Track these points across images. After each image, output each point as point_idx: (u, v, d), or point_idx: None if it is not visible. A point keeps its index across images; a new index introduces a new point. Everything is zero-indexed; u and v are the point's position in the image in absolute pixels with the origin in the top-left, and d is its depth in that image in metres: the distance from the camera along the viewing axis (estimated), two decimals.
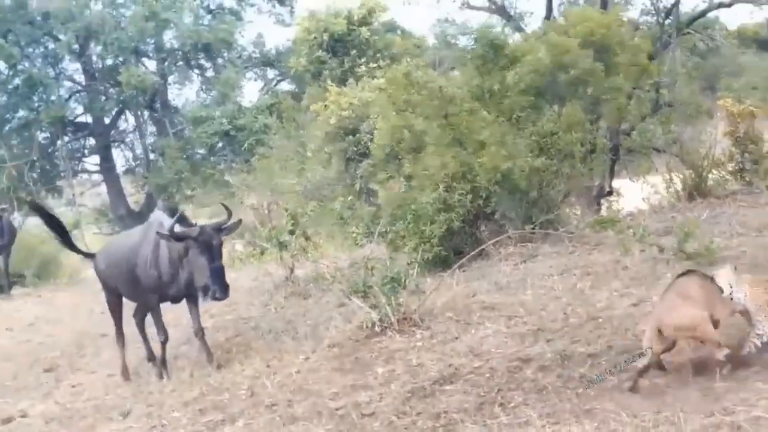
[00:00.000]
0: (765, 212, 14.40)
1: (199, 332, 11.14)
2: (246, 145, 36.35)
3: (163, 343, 11.09)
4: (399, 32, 40.49)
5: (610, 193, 20.57)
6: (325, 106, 25.71)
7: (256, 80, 45.74)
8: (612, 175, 20.89)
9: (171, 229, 10.43)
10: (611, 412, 6.96)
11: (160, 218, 11.06)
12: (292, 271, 14.95)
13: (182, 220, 10.93)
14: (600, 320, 9.60)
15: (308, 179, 24.73)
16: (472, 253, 13.19)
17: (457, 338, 9.94)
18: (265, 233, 15.59)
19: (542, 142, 15.15)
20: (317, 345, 10.62)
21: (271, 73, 45.16)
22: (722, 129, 18.73)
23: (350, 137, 24.56)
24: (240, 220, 11.39)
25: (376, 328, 10.49)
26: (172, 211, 10.79)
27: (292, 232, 14.86)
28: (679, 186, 18.04)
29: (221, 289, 10.33)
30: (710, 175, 17.95)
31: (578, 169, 15.91)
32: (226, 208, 11.41)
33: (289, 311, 13.20)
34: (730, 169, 18.48)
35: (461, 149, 15.05)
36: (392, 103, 16.36)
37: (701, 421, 6.44)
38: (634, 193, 19.76)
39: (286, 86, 43.70)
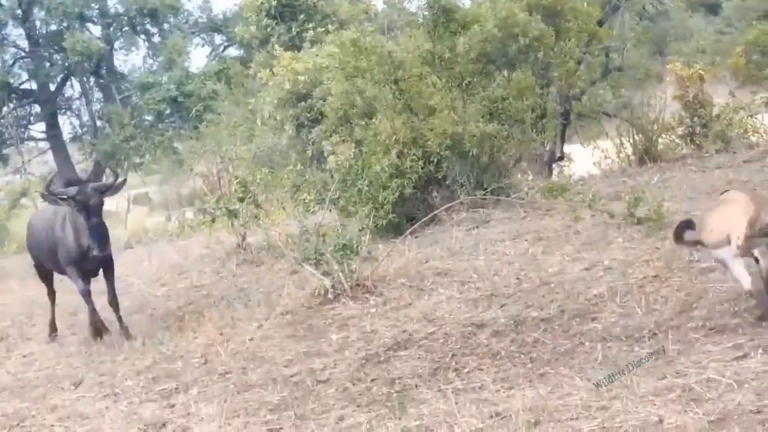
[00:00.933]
0: (714, 176, 14.53)
1: (114, 303, 11.21)
2: (194, 111, 35.98)
3: (92, 314, 11.17)
4: None
5: (561, 158, 20.62)
6: (273, 72, 25.50)
7: (203, 46, 45.23)
8: (563, 140, 20.92)
9: (47, 188, 10.73)
10: (565, 377, 7.01)
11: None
12: (243, 238, 14.90)
13: (71, 183, 11.05)
14: (552, 285, 9.66)
15: (258, 146, 24.57)
16: (425, 219, 13.21)
17: (410, 304, 9.96)
18: (214, 201, 15.51)
19: (492, 107, 15.17)
20: (270, 312, 10.60)
21: (218, 38, 44.75)
22: (671, 93, 18.86)
23: (302, 103, 24.40)
24: (125, 180, 11.58)
25: (329, 295, 10.50)
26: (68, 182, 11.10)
27: (241, 200, 14.77)
28: (629, 150, 18.18)
29: (99, 245, 10.50)
30: (660, 140, 18.10)
31: (529, 135, 15.94)
32: (113, 171, 11.86)
33: (242, 279, 13.17)
34: (680, 133, 18.65)
35: (412, 115, 15.03)
36: (341, 69, 16.30)
37: (654, 383, 6.49)
38: (585, 158, 19.87)
39: (233, 52, 43.29)
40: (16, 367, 10.84)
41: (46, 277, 12.29)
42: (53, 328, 12.02)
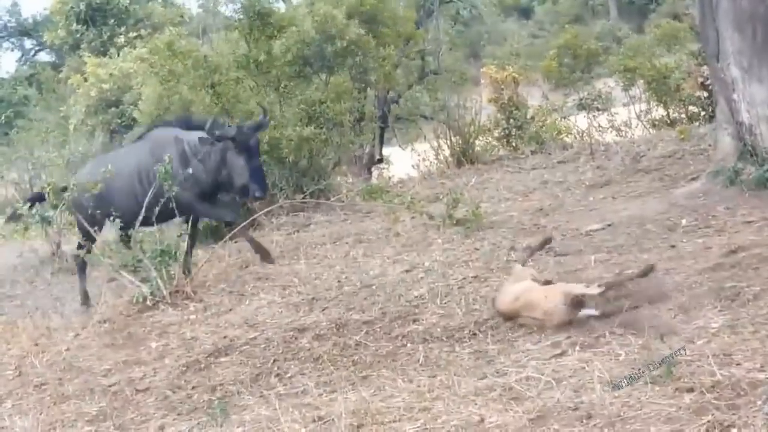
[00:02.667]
0: (530, 177, 14.86)
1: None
2: (3, 117, 35.04)
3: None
4: (160, 0, 39.80)
5: (381, 160, 20.81)
6: (85, 78, 25.04)
7: (12, 50, 44.21)
8: (382, 143, 21.13)
9: (210, 130, 10.58)
10: (388, 379, 6.98)
11: (170, 133, 11.28)
12: (58, 246, 14.52)
13: (216, 124, 10.94)
14: (374, 287, 9.65)
15: (71, 152, 24.04)
16: (244, 223, 13.09)
17: (231, 310, 9.84)
18: (27, 208, 15.09)
19: (310, 111, 15.20)
20: (87, 321, 10.32)
21: (28, 43, 43.71)
22: (487, 96, 19.22)
23: (113, 109, 24.03)
24: (268, 119, 11.47)
25: (148, 302, 10.29)
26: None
27: (55, 207, 14.38)
28: (447, 152, 18.43)
29: (261, 187, 10.74)
30: (477, 142, 18.41)
31: (348, 138, 16.03)
32: (263, 108, 11.76)
33: (57, 288, 12.85)
34: (496, 135, 19.05)
35: (229, 119, 14.95)
36: (155, 74, 16.10)
37: (475, 383, 6.51)
38: (404, 161, 20.05)
39: (45, 57, 42.36)
40: None
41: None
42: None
